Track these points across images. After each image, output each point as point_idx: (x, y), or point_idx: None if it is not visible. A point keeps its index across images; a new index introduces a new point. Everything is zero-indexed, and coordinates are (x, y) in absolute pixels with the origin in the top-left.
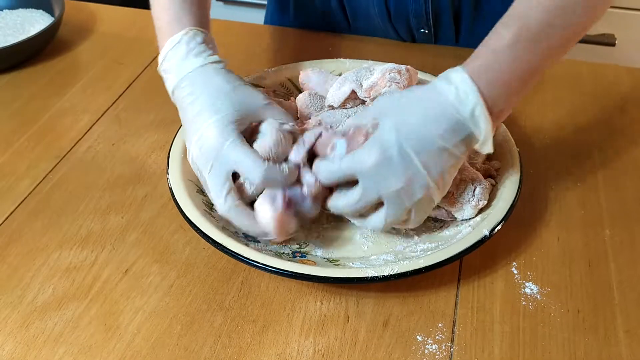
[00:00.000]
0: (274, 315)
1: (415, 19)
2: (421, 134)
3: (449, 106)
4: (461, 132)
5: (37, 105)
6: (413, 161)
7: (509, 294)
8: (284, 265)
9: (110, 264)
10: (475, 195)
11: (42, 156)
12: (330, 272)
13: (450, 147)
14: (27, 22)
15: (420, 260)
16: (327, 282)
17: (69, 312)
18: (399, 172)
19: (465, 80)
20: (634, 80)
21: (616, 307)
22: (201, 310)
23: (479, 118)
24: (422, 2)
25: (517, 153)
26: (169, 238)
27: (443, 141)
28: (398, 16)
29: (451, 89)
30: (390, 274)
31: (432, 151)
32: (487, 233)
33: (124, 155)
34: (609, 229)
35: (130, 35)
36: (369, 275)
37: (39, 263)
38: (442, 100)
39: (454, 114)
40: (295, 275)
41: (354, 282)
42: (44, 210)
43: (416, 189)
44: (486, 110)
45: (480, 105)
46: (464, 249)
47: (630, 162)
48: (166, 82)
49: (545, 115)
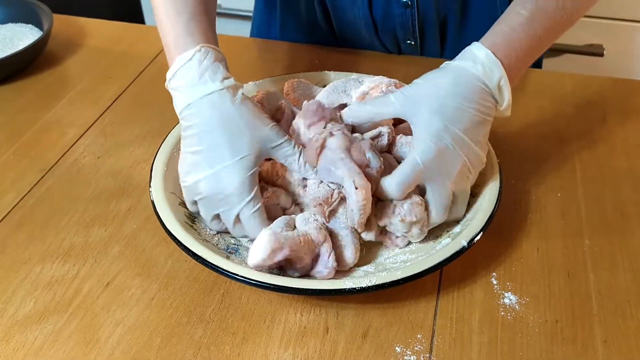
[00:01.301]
0: (254, 327)
1: (402, 31)
2: (462, 112)
3: (479, 82)
4: (491, 101)
5: (25, 118)
6: (465, 140)
7: (488, 304)
8: (263, 278)
9: (92, 277)
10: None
11: (28, 169)
12: (308, 284)
13: (485, 117)
14: (16, 36)
15: (398, 272)
16: (306, 294)
17: (50, 326)
18: (457, 152)
19: (490, 57)
20: (616, 91)
21: (594, 318)
22: (181, 323)
23: (503, 88)
24: (409, 14)
25: (497, 164)
26: (151, 251)
27: (480, 114)
28: (384, 28)
29: (478, 66)
30: (368, 285)
31: (474, 125)
32: (465, 244)
33: (109, 168)
34: (589, 239)
35: (118, 49)
36: (346, 287)
37: (21, 276)
38: (473, 77)
39: (484, 88)
40: (274, 288)
41: (332, 293)
42: (28, 224)
43: (473, 161)
44: (508, 81)
45: (504, 77)
46: (442, 260)
47: (610, 173)
48: (175, 100)
49: (527, 125)
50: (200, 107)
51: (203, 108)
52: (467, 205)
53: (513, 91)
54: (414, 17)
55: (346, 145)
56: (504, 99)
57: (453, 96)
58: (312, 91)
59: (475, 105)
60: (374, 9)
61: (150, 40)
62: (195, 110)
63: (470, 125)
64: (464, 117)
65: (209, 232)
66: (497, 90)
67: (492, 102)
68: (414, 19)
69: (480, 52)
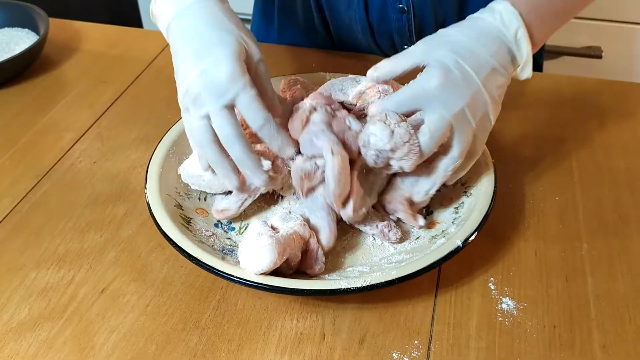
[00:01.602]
0: (250, 333)
1: (399, 36)
2: (475, 54)
3: (495, 30)
4: (508, 54)
5: (21, 123)
6: (474, 78)
7: (486, 309)
8: (257, 279)
9: (87, 284)
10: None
11: (24, 174)
12: (303, 285)
13: (499, 68)
14: (12, 41)
15: (393, 271)
16: (301, 294)
17: (44, 333)
18: (463, 89)
19: (508, 7)
20: (613, 93)
21: (593, 323)
22: (177, 329)
23: (521, 40)
24: (405, 19)
25: (492, 165)
26: (147, 256)
27: (495, 60)
28: (381, 33)
29: (496, 16)
30: (363, 285)
31: (488, 70)
32: (460, 243)
33: (105, 173)
34: (587, 243)
35: (114, 53)
36: (341, 287)
37: (16, 283)
38: (489, 25)
39: (500, 37)
40: (269, 288)
41: (327, 294)
42: (24, 229)
43: (479, 105)
44: (527, 33)
45: (522, 27)
46: (437, 259)
47: (608, 176)
48: (160, 18)
49: (525, 128)
50: (188, 13)
51: (191, 13)
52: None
53: (514, 87)
54: (410, 22)
55: (328, 119)
56: (522, 54)
57: (468, 39)
58: (309, 90)
59: (490, 53)
60: (370, 13)
61: (146, 44)
62: (184, 16)
63: (482, 69)
64: (477, 58)
65: (204, 233)
66: (515, 42)
67: (509, 56)
68: (410, 25)
69: (499, 5)
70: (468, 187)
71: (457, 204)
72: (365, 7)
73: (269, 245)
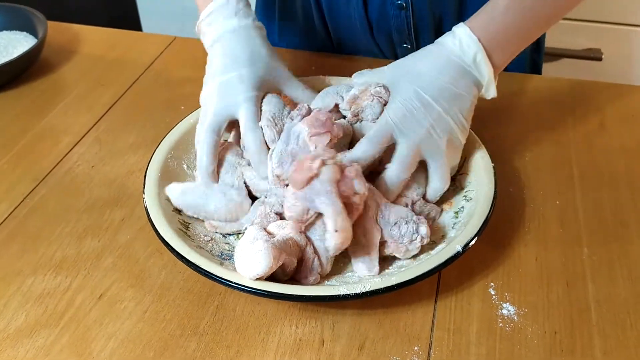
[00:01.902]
0: (249, 340)
1: (398, 34)
2: (434, 83)
3: (454, 56)
4: (468, 77)
5: (19, 126)
6: (434, 106)
7: (486, 315)
8: (256, 285)
9: (85, 290)
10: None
11: (21, 179)
12: (301, 290)
13: (461, 92)
14: (10, 44)
15: (393, 277)
16: (299, 300)
17: (41, 340)
18: (422, 118)
19: (468, 33)
20: (613, 96)
21: (593, 328)
22: (175, 335)
23: (480, 64)
24: (404, 16)
25: (493, 169)
26: (144, 262)
27: (454, 87)
28: (380, 31)
29: (455, 41)
30: (362, 291)
31: (448, 96)
32: (460, 249)
33: (103, 177)
34: (587, 248)
35: (112, 56)
36: (341, 293)
37: (13, 289)
38: (448, 52)
39: (459, 62)
40: (265, 294)
41: (326, 300)
42: (21, 234)
43: (443, 129)
44: (486, 57)
45: (480, 52)
46: (437, 265)
47: (608, 180)
48: (206, 35)
49: (525, 131)
50: (231, 35)
51: (233, 36)
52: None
53: (514, 90)
54: (409, 19)
55: (336, 178)
56: (483, 77)
57: (430, 68)
58: None
59: (450, 79)
60: (369, 10)
61: (145, 47)
62: (226, 37)
63: (442, 95)
64: (435, 86)
65: (202, 238)
66: (474, 66)
67: (470, 79)
68: (409, 22)
69: (460, 29)
70: (468, 192)
71: (457, 209)
72: (364, 4)
73: (265, 249)
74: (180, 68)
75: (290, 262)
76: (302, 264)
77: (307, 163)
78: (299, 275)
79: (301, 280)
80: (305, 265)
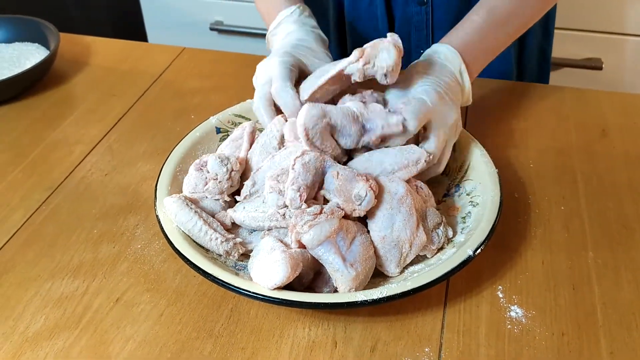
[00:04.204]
0: (263, 341)
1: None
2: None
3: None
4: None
5: (32, 137)
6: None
7: (495, 317)
8: (273, 293)
9: (101, 294)
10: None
11: (36, 187)
12: (319, 298)
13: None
14: (23, 55)
15: (408, 282)
16: (317, 308)
17: (60, 342)
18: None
19: (449, 48)
20: (614, 104)
21: (600, 330)
22: (191, 338)
23: (463, 73)
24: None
25: (497, 175)
26: (159, 266)
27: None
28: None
29: (441, 56)
30: (379, 297)
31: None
32: (472, 253)
33: (116, 185)
34: (593, 252)
35: (123, 67)
36: (358, 300)
37: (31, 293)
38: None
39: (450, 70)
40: (285, 302)
41: (344, 306)
42: (37, 241)
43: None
44: (465, 68)
45: (462, 64)
46: (450, 269)
47: (611, 185)
48: (273, 44)
49: (528, 140)
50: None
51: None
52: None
53: (519, 98)
54: (428, 15)
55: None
56: (465, 84)
57: (432, 69)
58: None
59: (449, 80)
60: (394, 8)
61: (154, 58)
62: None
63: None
64: (443, 81)
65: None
66: (459, 75)
67: (455, 79)
68: (428, 18)
69: (441, 47)
70: (474, 197)
71: (463, 214)
72: (385, 3)
73: (282, 259)
74: (190, 78)
75: (307, 274)
76: (319, 276)
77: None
78: (314, 285)
79: (315, 290)
80: (322, 278)
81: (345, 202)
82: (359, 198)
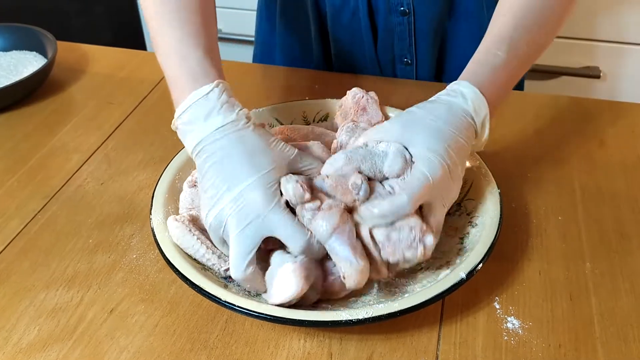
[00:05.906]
0: (258, 353)
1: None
2: (456, 141)
3: (468, 117)
4: (473, 136)
5: (29, 145)
6: (458, 167)
7: (491, 329)
8: (260, 309)
9: (96, 304)
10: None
11: (32, 196)
12: (305, 315)
13: (469, 145)
14: (20, 63)
15: (395, 304)
16: (302, 325)
17: (54, 354)
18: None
19: (479, 96)
20: (613, 113)
21: (597, 341)
22: (185, 349)
23: (485, 124)
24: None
25: (499, 195)
26: (154, 277)
27: (468, 144)
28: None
29: (468, 102)
30: (364, 317)
31: (464, 156)
32: (464, 276)
33: (113, 194)
34: (590, 262)
35: (121, 75)
36: (343, 319)
37: (25, 304)
38: (464, 113)
39: (472, 123)
40: (269, 318)
41: (328, 325)
42: (32, 250)
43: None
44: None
45: (488, 114)
46: (440, 292)
47: (609, 195)
48: (186, 136)
49: (526, 148)
50: (216, 138)
51: (220, 138)
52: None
53: (516, 107)
54: (410, 25)
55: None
56: (484, 134)
57: (448, 124)
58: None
59: (465, 138)
60: (377, 19)
61: (152, 66)
62: (212, 141)
63: (461, 155)
64: (457, 144)
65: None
66: (481, 126)
67: (473, 137)
68: (410, 28)
69: (469, 90)
70: (474, 217)
71: (462, 234)
72: (369, 14)
73: (293, 271)
74: None
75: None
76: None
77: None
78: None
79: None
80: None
81: (344, 194)
82: (356, 186)
